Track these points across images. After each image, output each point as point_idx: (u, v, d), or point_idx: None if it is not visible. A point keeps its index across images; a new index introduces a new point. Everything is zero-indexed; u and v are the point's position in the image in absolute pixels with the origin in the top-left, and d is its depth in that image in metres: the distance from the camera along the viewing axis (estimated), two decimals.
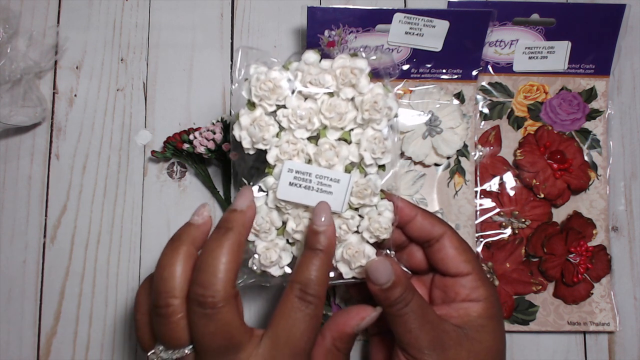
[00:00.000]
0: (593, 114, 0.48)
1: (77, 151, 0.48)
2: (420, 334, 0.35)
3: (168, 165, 0.49)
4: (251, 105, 0.36)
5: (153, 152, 0.47)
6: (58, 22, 0.50)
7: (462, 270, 0.37)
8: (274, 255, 0.36)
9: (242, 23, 0.50)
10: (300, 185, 0.35)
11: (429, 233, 0.38)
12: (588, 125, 0.48)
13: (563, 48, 0.48)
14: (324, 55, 0.43)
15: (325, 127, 0.36)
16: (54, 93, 0.49)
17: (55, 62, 0.49)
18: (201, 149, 0.45)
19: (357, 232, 0.37)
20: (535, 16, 0.47)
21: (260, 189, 0.37)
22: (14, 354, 0.46)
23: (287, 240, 0.37)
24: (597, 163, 0.48)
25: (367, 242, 0.37)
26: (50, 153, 0.48)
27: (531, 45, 0.48)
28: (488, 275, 0.46)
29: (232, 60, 0.50)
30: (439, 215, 0.46)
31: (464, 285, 0.37)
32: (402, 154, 0.47)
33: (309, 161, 0.36)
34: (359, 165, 0.37)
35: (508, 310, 0.46)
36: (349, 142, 0.37)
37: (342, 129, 0.36)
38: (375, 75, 0.37)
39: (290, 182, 0.35)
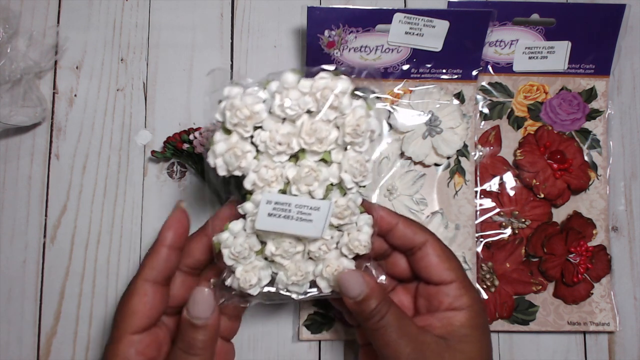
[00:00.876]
0: (593, 114, 0.48)
1: (77, 151, 0.48)
2: (399, 347, 0.34)
3: (168, 165, 0.49)
4: (226, 130, 0.34)
5: (153, 152, 0.47)
6: (58, 22, 0.50)
7: (445, 278, 0.37)
8: (253, 278, 0.35)
9: (242, 23, 0.50)
10: (279, 216, 0.34)
11: (410, 241, 0.37)
12: (588, 125, 0.48)
13: (563, 48, 0.48)
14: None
15: (303, 150, 0.35)
16: (54, 93, 0.49)
17: (55, 62, 0.49)
18: (201, 149, 0.45)
19: (336, 247, 0.37)
20: (535, 16, 0.47)
21: (239, 213, 0.36)
22: (14, 354, 0.46)
23: (266, 258, 0.36)
24: (597, 163, 0.48)
25: (346, 256, 0.36)
26: (50, 153, 0.48)
27: (531, 45, 0.48)
28: (488, 276, 0.46)
29: (232, 60, 0.50)
30: (438, 215, 0.46)
31: (447, 294, 0.36)
32: (402, 154, 0.47)
33: (287, 183, 0.35)
34: (339, 186, 0.36)
35: (508, 310, 0.46)
36: (329, 163, 0.35)
37: (324, 150, 0.35)
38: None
39: (269, 213, 0.34)
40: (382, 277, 0.38)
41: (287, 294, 0.37)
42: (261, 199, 0.34)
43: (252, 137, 0.34)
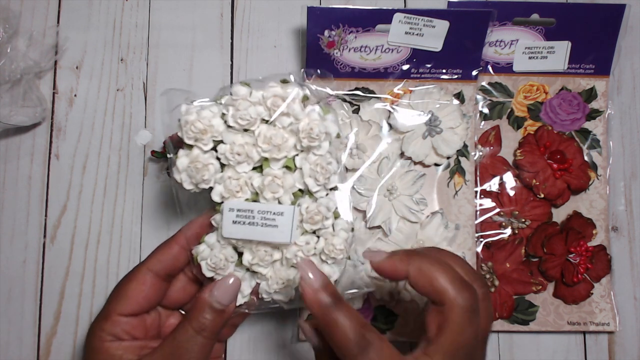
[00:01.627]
0: (593, 114, 0.48)
1: (77, 151, 0.48)
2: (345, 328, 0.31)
3: (168, 165, 0.48)
4: (188, 146, 0.36)
5: (153, 152, 0.47)
6: (58, 22, 0.50)
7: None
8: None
9: (242, 23, 0.50)
10: (244, 223, 0.35)
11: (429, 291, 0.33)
12: (588, 125, 0.48)
13: (563, 48, 0.48)
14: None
15: (266, 159, 0.36)
16: (54, 93, 0.49)
17: (55, 62, 0.49)
18: None
19: (315, 254, 0.37)
20: (535, 16, 0.47)
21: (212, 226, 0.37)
22: (14, 354, 0.46)
23: (247, 269, 0.37)
24: (597, 163, 0.48)
25: (326, 262, 0.37)
26: (50, 153, 0.48)
27: (531, 45, 0.48)
28: (488, 276, 0.46)
29: (232, 60, 0.50)
30: (438, 215, 0.46)
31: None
32: (402, 154, 0.47)
33: (256, 194, 0.36)
34: (309, 192, 0.36)
35: (508, 310, 0.46)
36: (294, 169, 0.36)
37: (285, 156, 0.36)
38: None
39: (233, 221, 0.35)
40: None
41: (275, 305, 0.38)
42: (223, 206, 0.35)
43: (216, 151, 0.35)
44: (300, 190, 0.36)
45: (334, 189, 0.37)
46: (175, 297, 0.39)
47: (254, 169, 0.36)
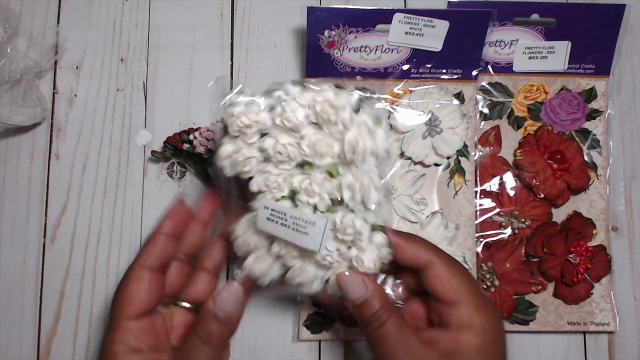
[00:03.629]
0: (593, 114, 0.48)
1: (77, 151, 0.48)
2: (397, 359, 0.33)
3: (168, 165, 0.49)
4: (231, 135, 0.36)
5: (153, 152, 0.47)
6: (58, 22, 0.50)
7: (452, 298, 0.35)
8: (263, 265, 0.36)
9: (242, 23, 0.50)
10: (277, 222, 0.35)
11: (413, 262, 0.36)
12: (588, 125, 0.48)
13: (563, 48, 0.48)
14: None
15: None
16: (54, 93, 0.49)
17: (55, 62, 0.49)
18: (201, 149, 0.45)
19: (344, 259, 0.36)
20: (535, 16, 0.47)
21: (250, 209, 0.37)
22: (14, 354, 0.46)
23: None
24: (597, 163, 0.48)
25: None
26: (50, 153, 0.48)
27: (531, 45, 0.48)
28: (488, 276, 0.46)
29: (232, 60, 0.50)
30: (438, 215, 0.46)
31: (456, 314, 0.34)
32: (402, 154, 0.47)
33: (293, 192, 0.35)
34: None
35: (508, 310, 0.46)
36: (336, 175, 0.35)
37: (326, 164, 0.35)
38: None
39: (267, 218, 0.35)
40: (400, 302, 0.37)
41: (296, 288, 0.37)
42: (258, 204, 0.35)
43: (259, 142, 0.35)
44: (337, 199, 0.35)
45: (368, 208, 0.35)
46: (174, 282, 0.39)
47: (297, 165, 0.35)
